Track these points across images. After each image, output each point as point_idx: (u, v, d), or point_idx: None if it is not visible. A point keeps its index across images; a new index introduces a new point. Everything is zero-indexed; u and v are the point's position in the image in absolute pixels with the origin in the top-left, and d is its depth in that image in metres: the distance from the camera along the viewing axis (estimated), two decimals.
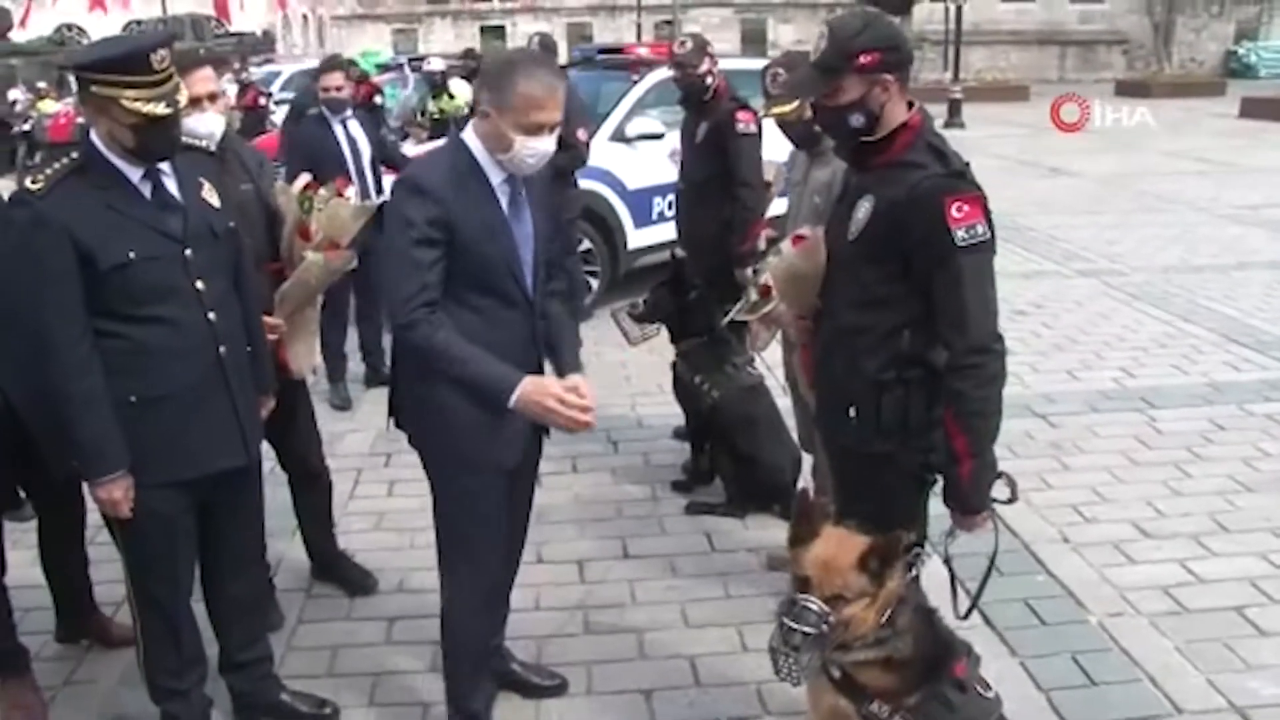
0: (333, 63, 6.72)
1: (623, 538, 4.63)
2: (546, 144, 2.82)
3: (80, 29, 31.88)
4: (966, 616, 2.78)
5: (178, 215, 2.85)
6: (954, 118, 23.09)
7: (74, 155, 2.77)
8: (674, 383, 5.16)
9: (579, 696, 3.53)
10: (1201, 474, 5.14)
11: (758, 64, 8.56)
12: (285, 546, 4.36)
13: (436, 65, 14.70)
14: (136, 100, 2.64)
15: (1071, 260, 9.72)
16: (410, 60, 16.82)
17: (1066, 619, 3.90)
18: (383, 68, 18.54)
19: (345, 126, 6.39)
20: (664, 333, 5.20)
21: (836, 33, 2.63)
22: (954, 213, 2.52)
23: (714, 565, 4.36)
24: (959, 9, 25.71)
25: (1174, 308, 8.06)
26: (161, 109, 2.66)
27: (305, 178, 4.05)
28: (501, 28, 45.09)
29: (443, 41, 42.02)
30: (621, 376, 6.77)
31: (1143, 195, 13.26)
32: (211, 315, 2.88)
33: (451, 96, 14.41)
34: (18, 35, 28.37)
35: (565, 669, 3.66)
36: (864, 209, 2.68)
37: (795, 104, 4.00)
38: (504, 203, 2.89)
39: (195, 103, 3.42)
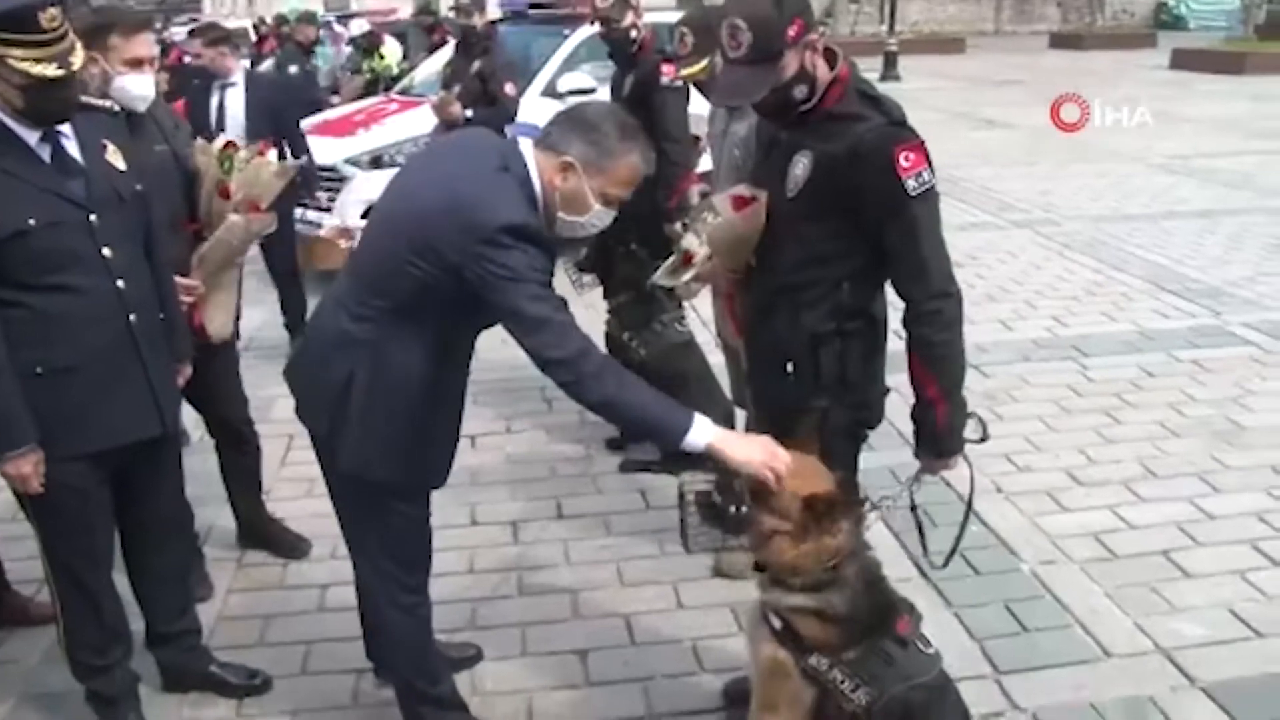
0: (200, 31, 6.60)
1: (557, 497, 4.58)
2: (600, 221, 2.62)
3: None
4: (945, 565, 2.89)
5: (79, 179, 2.72)
6: (890, 70, 23.07)
7: None
8: (605, 339, 5.10)
9: (513, 659, 3.50)
10: (1132, 420, 5.21)
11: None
12: (214, 514, 4.27)
13: (364, 28, 14.44)
14: (24, 60, 2.50)
15: (1005, 211, 9.78)
16: (338, 18, 16.46)
17: (1000, 568, 3.93)
18: (309, 19, 18.10)
19: (222, 94, 6.23)
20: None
21: (758, 20, 2.54)
22: (902, 162, 2.49)
23: (649, 523, 4.33)
24: None
25: (1105, 257, 8.14)
26: (52, 70, 2.53)
27: (224, 137, 3.94)
28: None
29: None
30: None
31: (1075, 146, 13.32)
32: (120, 282, 2.76)
33: (382, 57, 14.14)
34: None
35: (499, 631, 3.63)
36: (801, 165, 2.63)
37: (704, 64, 3.93)
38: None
39: (136, 64, 3.34)
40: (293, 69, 11.20)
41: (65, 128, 2.72)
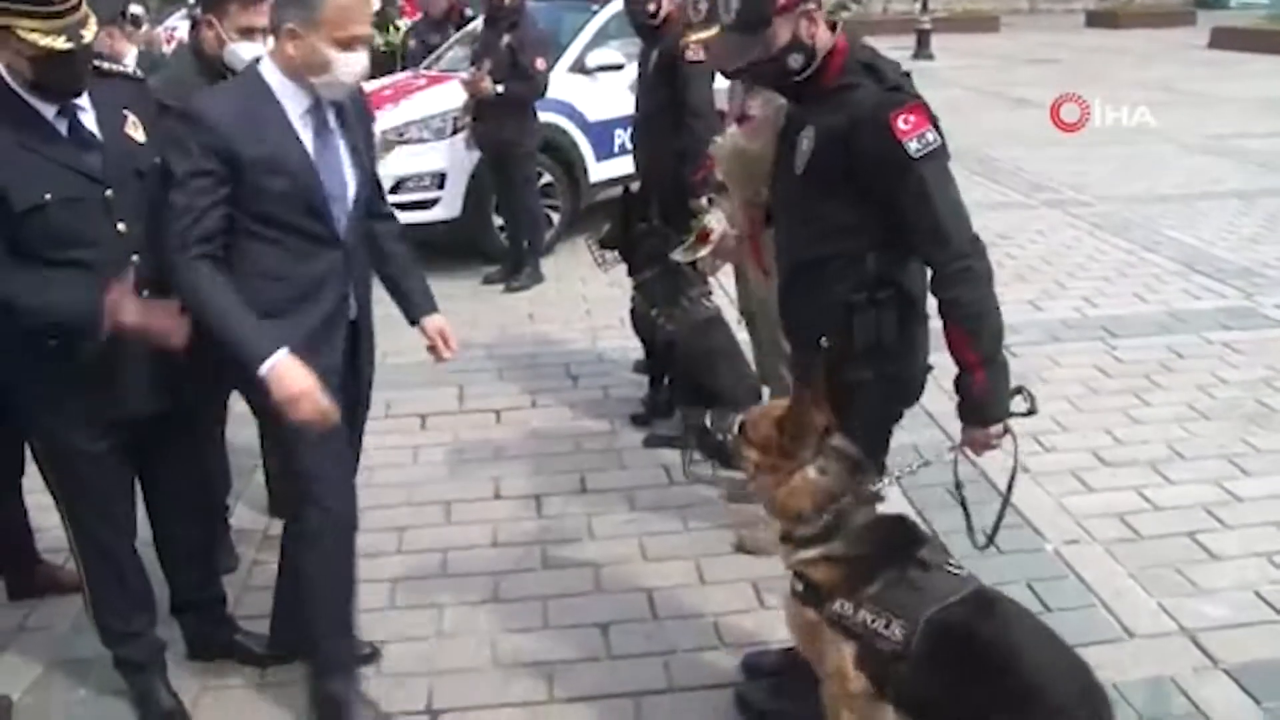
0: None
1: (581, 472, 4.60)
2: (363, 60, 2.71)
3: None
4: (986, 547, 2.81)
5: (96, 153, 2.68)
6: (922, 49, 22.83)
7: None
8: (631, 315, 5.11)
9: (535, 631, 3.52)
10: (1160, 402, 5.16)
11: None
12: (242, 485, 4.31)
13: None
14: (33, 32, 2.46)
15: (1037, 191, 9.69)
16: None
17: (1024, 547, 3.91)
18: None
19: None
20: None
21: None
22: (901, 125, 2.47)
23: (672, 498, 4.34)
24: None
25: (1137, 237, 8.04)
26: (61, 43, 2.48)
27: None
28: None
29: None
30: (582, 310, 6.71)
31: (1109, 126, 13.18)
32: (135, 258, 2.74)
33: (396, 29, 14.14)
34: None
35: (521, 605, 3.65)
36: (806, 140, 2.61)
37: (715, 29, 3.91)
38: (307, 134, 2.76)
39: (249, 33, 3.39)
40: None
41: (83, 100, 2.68)
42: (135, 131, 2.79)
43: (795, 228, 2.76)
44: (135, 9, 16.68)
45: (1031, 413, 2.65)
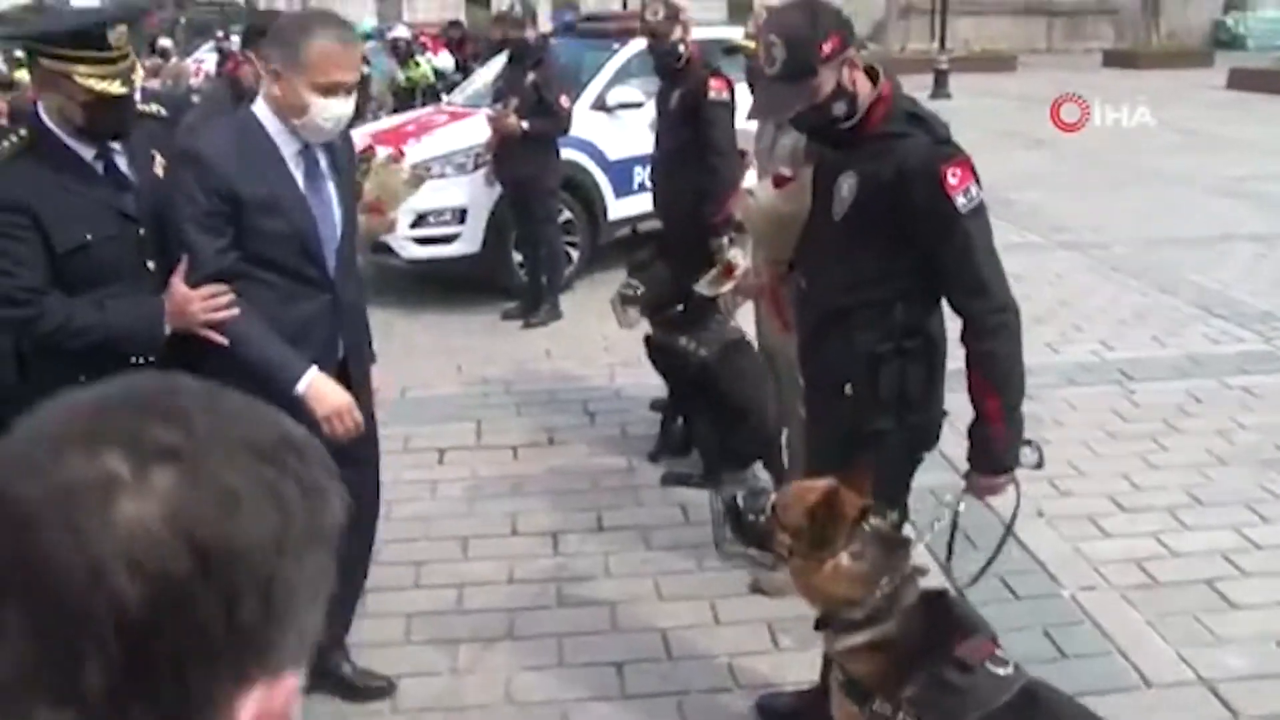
0: None
1: (598, 510, 4.61)
2: (344, 106, 2.73)
3: None
4: (973, 584, 2.84)
5: (130, 193, 2.76)
6: (940, 88, 22.94)
7: (22, 133, 2.66)
8: (653, 352, 5.12)
9: (550, 669, 3.53)
10: (1177, 447, 5.14)
11: (736, 33, 8.50)
12: None
13: (400, 33, 14.58)
14: (89, 77, 2.53)
15: (1055, 233, 9.70)
16: (385, 29, 16.75)
17: (1040, 593, 3.91)
18: (367, 37, 18.40)
19: None
20: None
21: (792, 36, 2.58)
22: (950, 180, 2.50)
23: (688, 538, 4.35)
24: None
25: (1155, 280, 8.04)
26: (116, 88, 2.57)
27: (364, 140, 4.06)
28: None
29: (427, 9, 41.54)
30: (600, 347, 6.74)
31: (1128, 167, 13.21)
32: (163, 297, 2.76)
33: (418, 65, 14.28)
34: None
35: (536, 642, 3.66)
36: (847, 186, 2.63)
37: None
38: (298, 175, 2.79)
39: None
40: None
41: (115, 142, 2.75)
42: (161, 170, 2.86)
43: (826, 274, 2.78)
44: (164, 42, 16.93)
45: (1039, 466, 2.71)
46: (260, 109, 2.78)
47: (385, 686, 3.38)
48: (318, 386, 2.72)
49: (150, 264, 2.77)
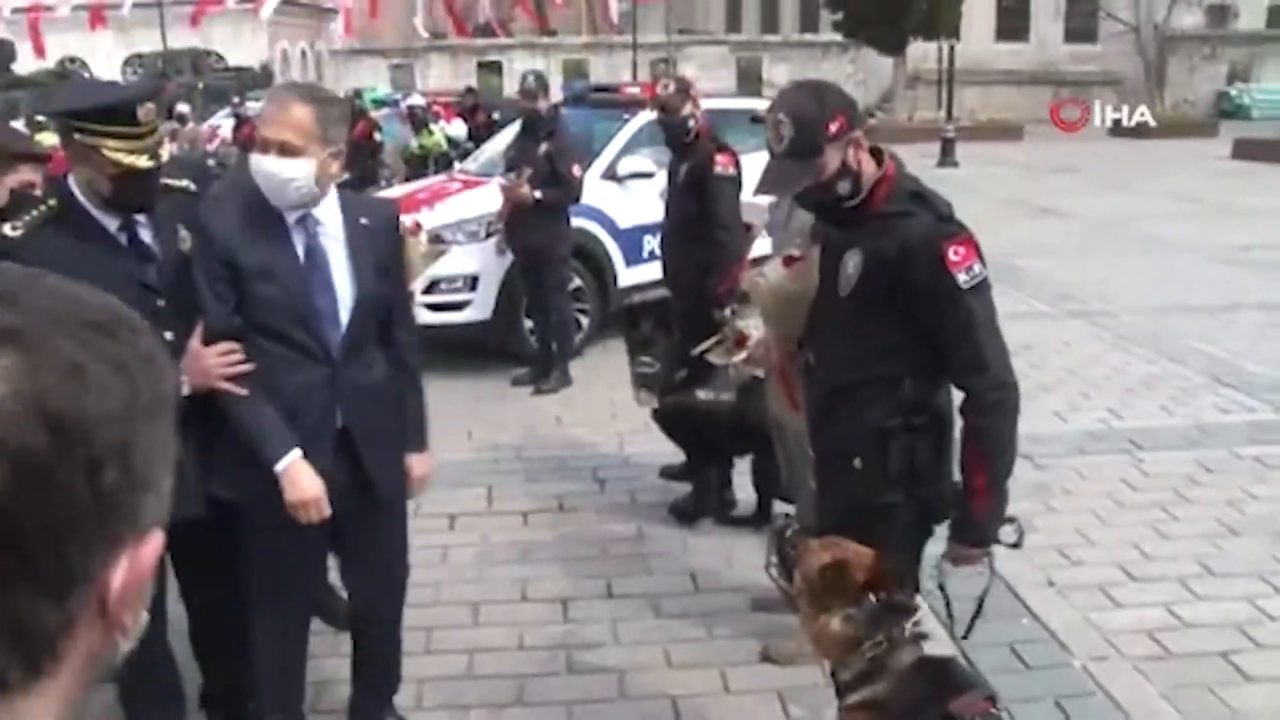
0: None
1: (607, 576, 4.61)
2: (274, 165, 2.72)
3: (83, 62, 32.01)
4: (965, 636, 2.82)
5: (152, 265, 2.84)
6: (947, 157, 23.23)
7: (51, 203, 2.75)
8: (667, 420, 5.12)
9: None
10: (1188, 517, 5.14)
11: (747, 104, 8.65)
12: None
13: (416, 101, 14.81)
14: (118, 151, 2.61)
15: (1062, 301, 9.76)
16: (401, 97, 17.02)
17: (1050, 663, 3.89)
18: (379, 104, 18.70)
19: None
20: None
21: (800, 115, 2.65)
22: (952, 256, 2.54)
23: (698, 606, 4.34)
24: (951, 49, 25.97)
25: (1163, 349, 8.08)
26: (144, 161, 2.65)
27: None
28: (499, 64, 45.41)
29: (440, 77, 42.27)
30: (609, 414, 6.77)
31: (1134, 236, 13.32)
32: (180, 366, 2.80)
33: (431, 133, 14.48)
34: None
35: (546, 709, 3.65)
36: (853, 263, 2.68)
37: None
38: (298, 243, 2.83)
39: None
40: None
41: (140, 214, 2.83)
42: (185, 245, 2.90)
43: (833, 350, 2.82)
44: (182, 108, 17.21)
45: (1017, 545, 2.75)
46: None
47: None
48: (294, 471, 2.79)
49: (169, 334, 2.78)
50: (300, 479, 2.79)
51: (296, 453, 2.79)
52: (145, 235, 2.84)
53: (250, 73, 31.81)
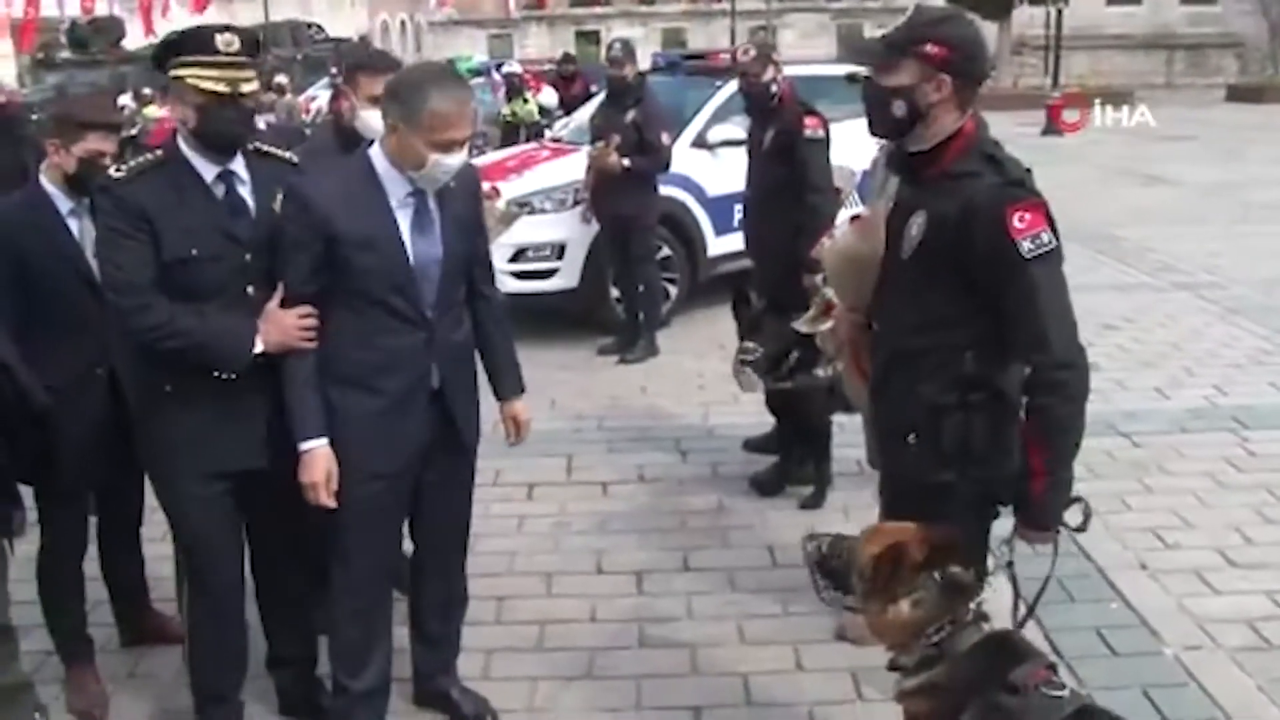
0: None
1: (684, 550, 4.57)
2: (458, 160, 2.87)
3: None
4: (1021, 626, 2.67)
5: (246, 220, 2.94)
6: (1052, 124, 22.55)
7: (158, 153, 2.91)
8: (795, 404, 5.01)
9: (627, 711, 3.49)
10: None
11: (837, 69, 8.46)
12: None
13: (513, 68, 14.87)
14: (198, 78, 2.76)
15: (1166, 272, 9.39)
16: (496, 65, 17.05)
17: (1140, 650, 3.74)
18: (474, 73, 18.77)
19: None
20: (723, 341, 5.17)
21: (916, 15, 2.54)
22: (1016, 223, 2.40)
23: (775, 581, 4.27)
24: (1059, 13, 25.14)
25: (1274, 323, 7.71)
26: (221, 87, 2.77)
27: None
28: (596, 33, 45.34)
29: (538, 46, 42.43)
30: (695, 385, 6.71)
31: (1247, 205, 12.76)
32: (258, 320, 2.90)
33: (526, 100, 14.49)
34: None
35: (615, 682, 3.63)
36: (917, 225, 2.57)
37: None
38: (404, 217, 2.91)
39: (377, 101, 3.46)
40: None
41: (242, 170, 2.95)
42: (279, 207, 2.98)
43: (896, 315, 2.71)
44: (280, 79, 17.54)
45: (1082, 529, 2.57)
46: (375, 153, 2.91)
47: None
48: (312, 456, 2.90)
49: (251, 289, 2.94)
50: (314, 462, 2.90)
51: (322, 440, 2.90)
52: (243, 191, 2.96)
53: (349, 44, 32.20)
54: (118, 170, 2.88)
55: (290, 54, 26.11)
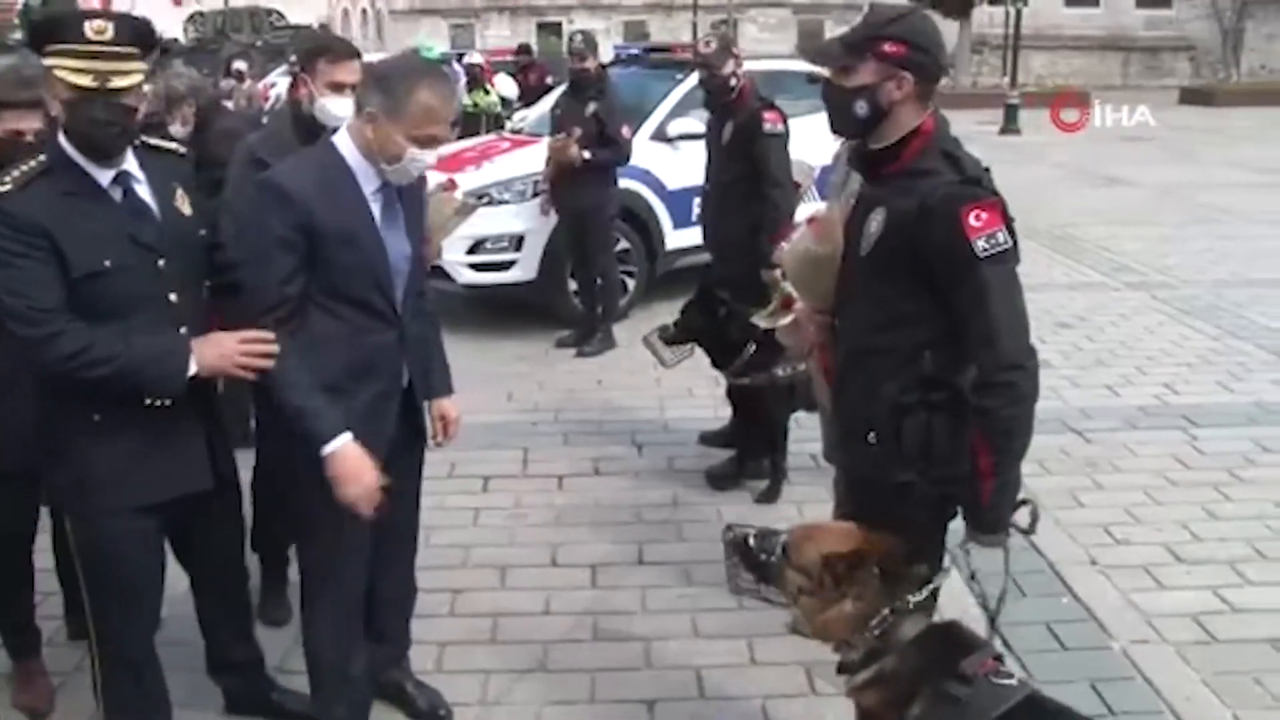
0: None
1: (639, 543, 4.56)
2: (433, 157, 2.79)
3: (146, 20, 32.19)
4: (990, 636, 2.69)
5: (151, 223, 2.69)
6: (1010, 123, 22.74)
7: (42, 158, 2.58)
8: (751, 401, 5.01)
9: (580, 704, 3.48)
10: (1242, 497, 4.97)
11: (801, 67, 8.48)
12: None
13: (475, 59, 14.80)
14: (64, 70, 2.47)
15: (1120, 272, 9.50)
16: (457, 56, 16.93)
17: (1089, 644, 3.78)
18: (436, 62, 18.64)
19: None
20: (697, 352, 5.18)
21: (872, 14, 2.52)
22: (972, 221, 2.37)
23: None
24: (1018, 13, 25.31)
25: (1224, 323, 7.83)
26: (86, 81, 2.47)
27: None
28: (558, 24, 45.15)
29: (499, 37, 42.12)
30: (652, 379, 6.68)
31: (1200, 207, 12.93)
32: (183, 329, 2.73)
33: (487, 91, 14.42)
34: None
35: (570, 675, 3.62)
36: (875, 222, 2.55)
37: None
38: (376, 211, 2.82)
39: (338, 88, 3.47)
40: None
41: (136, 170, 2.69)
42: (184, 205, 2.81)
43: (855, 313, 2.70)
44: (239, 65, 17.31)
45: (1030, 531, 2.56)
46: (343, 143, 2.79)
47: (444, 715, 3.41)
48: (343, 454, 2.72)
49: (173, 296, 2.73)
50: (349, 460, 2.73)
51: (347, 435, 2.74)
52: (142, 192, 2.70)
53: (309, 31, 31.87)
54: (1, 184, 2.52)
55: (249, 40, 25.79)
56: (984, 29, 36.99)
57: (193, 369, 2.67)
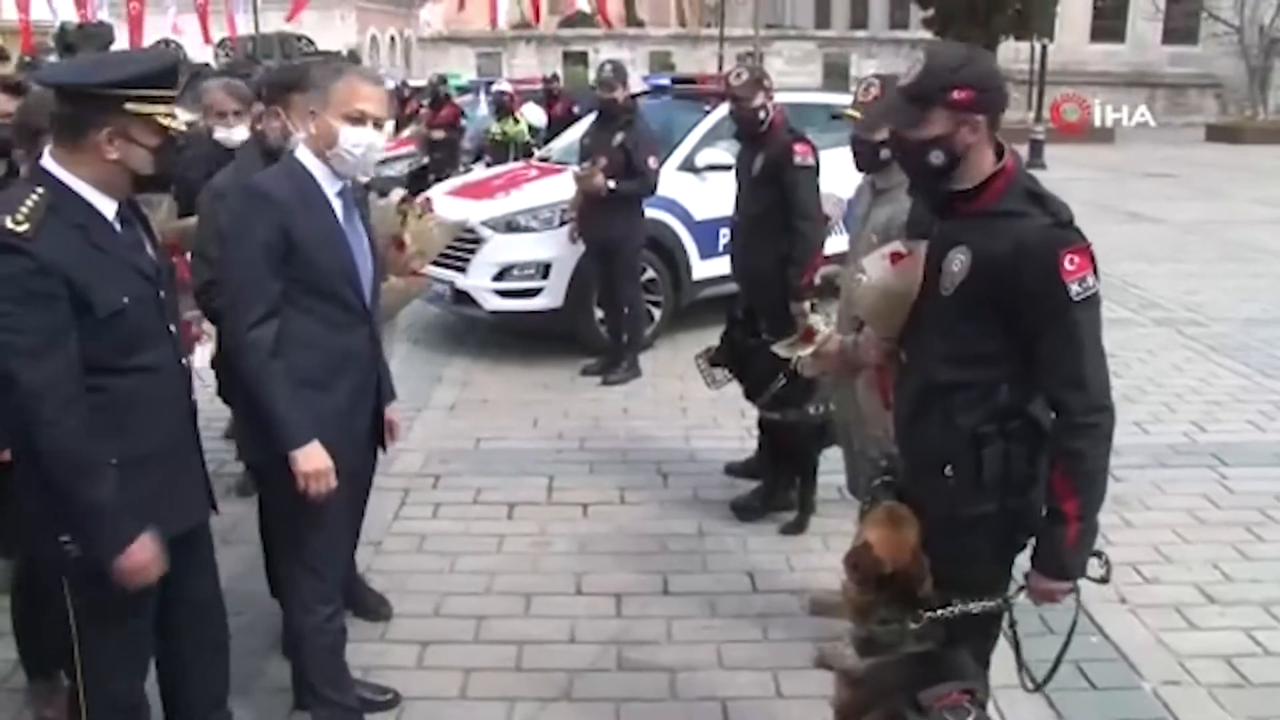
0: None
1: (664, 573, 4.54)
2: (369, 136, 2.95)
3: (178, 44, 32.61)
4: (1038, 689, 2.67)
5: (146, 254, 2.62)
6: (1035, 158, 22.71)
7: (39, 190, 2.40)
8: (784, 436, 4.99)
9: None
10: (1274, 538, 4.91)
11: (827, 98, 8.49)
12: None
13: (504, 87, 14.91)
14: (164, 116, 2.44)
15: (1147, 309, 9.45)
16: (486, 84, 17.05)
17: (1119, 684, 3.73)
18: (461, 90, 18.78)
19: None
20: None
21: (934, 62, 2.50)
22: (1067, 265, 2.36)
23: (755, 606, 4.26)
24: (1044, 48, 25.36)
25: (1254, 361, 7.77)
26: (180, 125, 2.57)
27: (401, 192, 4.23)
28: (584, 54, 45.47)
29: (526, 66, 42.42)
30: (678, 408, 6.70)
31: (1227, 244, 12.88)
32: (184, 360, 2.71)
33: (516, 121, 14.51)
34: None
35: (593, 705, 3.60)
36: (959, 261, 2.51)
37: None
38: (339, 213, 3.00)
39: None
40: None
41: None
42: (155, 233, 2.76)
43: (930, 349, 2.66)
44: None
45: (1104, 580, 2.55)
46: (303, 154, 3.00)
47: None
48: (309, 450, 2.91)
49: (171, 327, 2.68)
50: (313, 454, 2.91)
51: (314, 443, 2.92)
52: (137, 224, 2.64)
53: (338, 57, 32.20)
54: (15, 223, 2.32)
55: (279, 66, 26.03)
56: (1009, 64, 37.00)
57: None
